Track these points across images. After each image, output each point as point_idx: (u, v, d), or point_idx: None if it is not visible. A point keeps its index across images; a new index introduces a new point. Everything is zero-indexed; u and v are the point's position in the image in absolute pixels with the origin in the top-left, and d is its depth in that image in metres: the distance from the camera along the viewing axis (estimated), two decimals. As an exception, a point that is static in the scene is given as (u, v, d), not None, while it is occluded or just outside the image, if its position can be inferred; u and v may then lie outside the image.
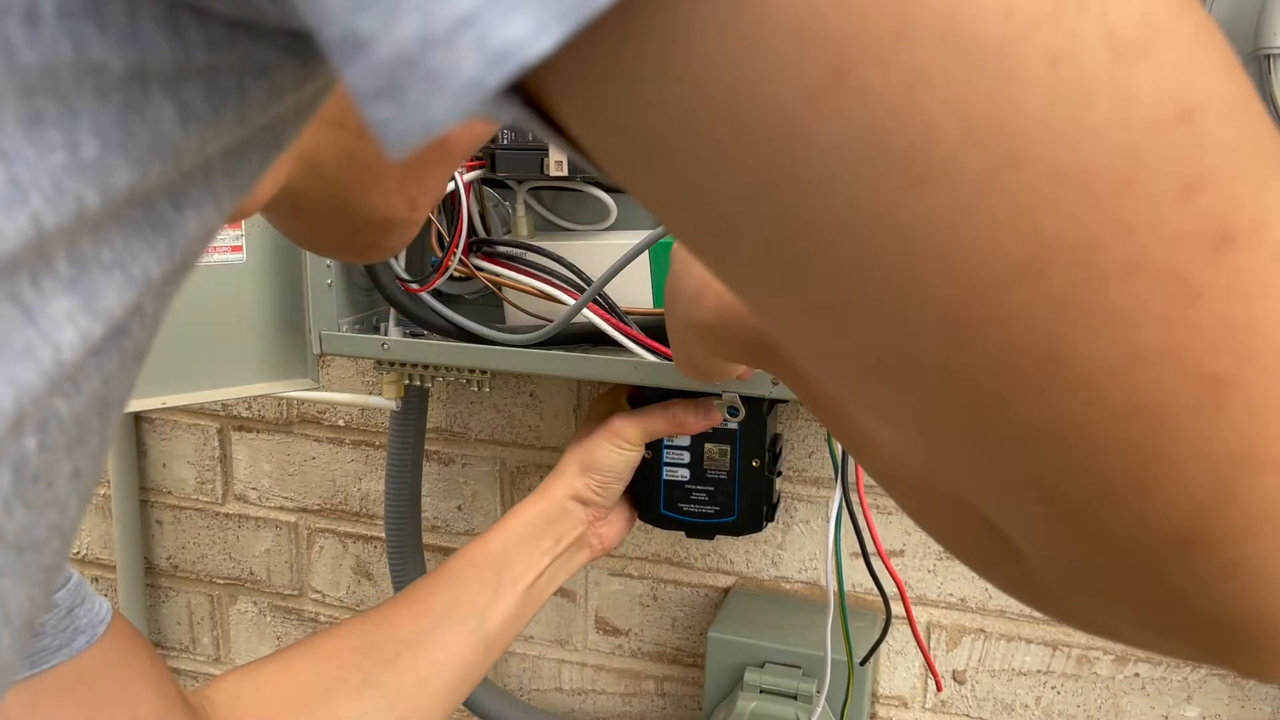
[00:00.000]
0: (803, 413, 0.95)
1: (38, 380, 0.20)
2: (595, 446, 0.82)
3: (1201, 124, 0.18)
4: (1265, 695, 0.89)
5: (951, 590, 0.95)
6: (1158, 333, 0.18)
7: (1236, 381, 0.18)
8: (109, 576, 1.26)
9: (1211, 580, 0.20)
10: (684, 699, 1.07)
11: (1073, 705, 0.94)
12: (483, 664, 0.76)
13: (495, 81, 0.17)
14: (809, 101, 0.17)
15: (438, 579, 0.77)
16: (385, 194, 0.39)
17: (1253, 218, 0.18)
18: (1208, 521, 0.19)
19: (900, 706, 0.99)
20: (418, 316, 0.86)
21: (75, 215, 0.20)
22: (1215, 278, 0.18)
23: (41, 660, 0.50)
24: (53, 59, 0.19)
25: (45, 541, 0.24)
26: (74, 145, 0.19)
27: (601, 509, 0.83)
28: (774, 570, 1.00)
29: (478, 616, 0.75)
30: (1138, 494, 0.19)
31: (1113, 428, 0.19)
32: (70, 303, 0.21)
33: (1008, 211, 0.18)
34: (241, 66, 0.21)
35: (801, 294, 0.20)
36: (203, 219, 0.23)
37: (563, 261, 0.83)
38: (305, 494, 1.16)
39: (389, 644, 0.72)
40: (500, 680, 1.13)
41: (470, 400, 1.07)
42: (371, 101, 0.17)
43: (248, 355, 0.88)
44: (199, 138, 0.21)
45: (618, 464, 0.81)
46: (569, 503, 0.81)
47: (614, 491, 0.82)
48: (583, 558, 0.83)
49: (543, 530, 0.80)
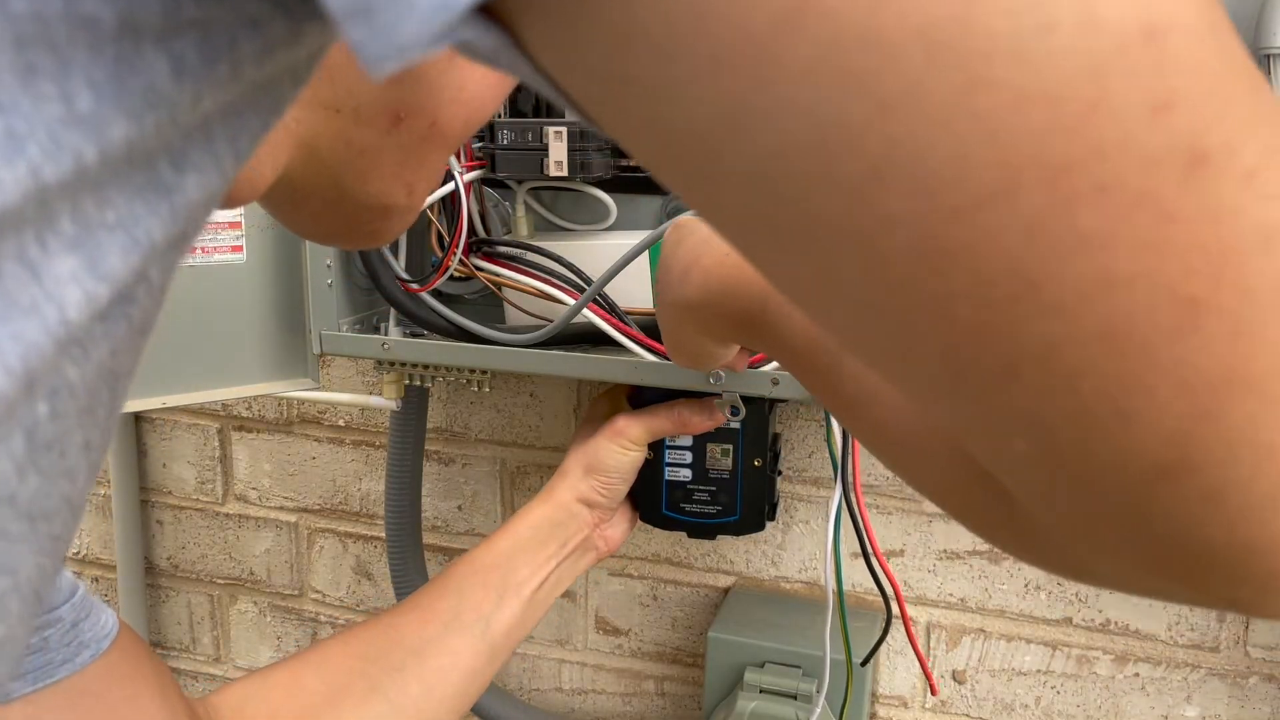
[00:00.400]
0: (803, 412, 0.95)
1: (44, 339, 0.21)
2: (599, 448, 0.81)
3: (1167, 44, 0.18)
4: (1265, 695, 0.89)
5: (951, 590, 0.95)
6: (1130, 256, 0.18)
7: (1212, 304, 0.18)
8: (109, 576, 1.26)
9: (1197, 508, 0.20)
10: (684, 699, 1.07)
11: (1073, 705, 0.94)
12: (488, 669, 0.75)
13: (462, 3, 0.17)
14: (773, 28, 0.18)
15: (443, 585, 0.77)
16: (382, 180, 0.39)
17: (1223, 139, 0.18)
18: (1188, 446, 0.19)
19: (900, 706, 0.99)
20: (418, 316, 0.86)
21: (74, 170, 0.20)
22: (1187, 199, 0.18)
23: (45, 675, 0.49)
24: (44, 9, 0.19)
25: (56, 511, 0.24)
26: (68, 97, 0.20)
27: (606, 510, 0.82)
28: (774, 570, 1.00)
29: (483, 623, 0.75)
30: (1117, 421, 0.19)
31: (1088, 353, 0.19)
32: (74, 262, 0.21)
33: (975, 135, 0.18)
34: (232, 20, 0.22)
35: (778, 224, 0.20)
36: (204, 182, 0.23)
37: (563, 261, 0.83)
38: (305, 494, 1.16)
39: (395, 651, 0.72)
40: (500, 680, 1.13)
41: (470, 400, 1.07)
42: (348, 22, 0.18)
43: (248, 355, 0.88)
44: (193, 92, 0.22)
45: (622, 464, 0.81)
46: (574, 505, 0.81)
47: (619, 492, 0.82)
48: (588, 560, 0.83)
49: (548, 534, 0.80)
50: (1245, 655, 0.89)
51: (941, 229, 0.19)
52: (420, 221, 0.87)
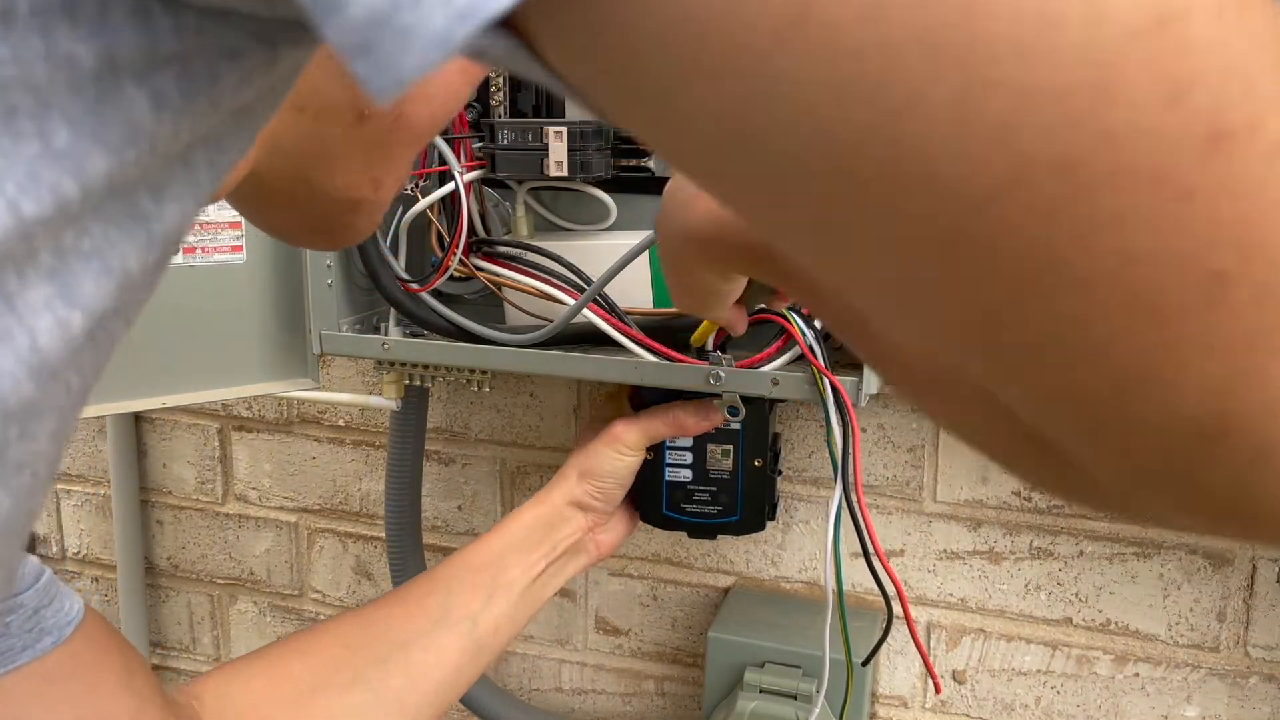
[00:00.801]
0: (803, 412, 0.95)
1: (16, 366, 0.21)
2: (596, 452, 0.82)
3: (1184, 27, 0.18)
4: (1265, 695, 0.89)
5: (951, 590, 0.95)
6: (1149, 234, 0.18)
7: (1239, 276, 0.18)
8: (109, 576, 1.26)
9: (1243, 469, 0.20)
10: (684, 699, 1.07)
11: (1072, 705, 0.94)
12: (474, 667, 0.76)
13: (462, 35, 0.18)
14: (775, 39, 0.18)
15: (433, 580, 0.77)
16: (349, 175, 0.39)
17: (1246, 115, 0.18)
18: (1226, 409, 0.20)
19: (900, 706, 0.99)
20: (418, 316, 0.86)
21: (55, 205, 0.20)
22: (1207, 177, 0.18)
23: (7, 661, 0.49)
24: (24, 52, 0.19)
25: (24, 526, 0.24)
26: (46, 134, 0.20)
27: (601, 515, 0.83)
28: (774, 570, 1.00)
29: (470, 620, 0.75)
30: (1153, 387, 0.20)
31: (1117, 324, 0.19)
32: (49, 290, 0.21)
33: (984, 134, 0.18)
34: (212, 52, 0.22)
35: (794, 218, 0.21)
36: (182, 211, 0.24)
37: (563, 261, 0.83)
38: (305, 494, 1.16)
39: (380, 643, 0.72)
40: (500, 680, 1.13)
41: (470, 400, 1.07)
42: (351, 57, 0.18)
43: (248, 355, 0.88)
44: (173, 125, 0.22)
45: (618, 469, 0.81)
46: (567, 508, 0.81)
47: (614, 497, 0.82)
48: (580, 563, 0.83)
49: (540, 535, 0.80)
50: (1245, 655, 0.89)
51: (956, 221, 0.19)
52: (420, 221, 0.87)
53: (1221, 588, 0.88)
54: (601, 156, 0.81)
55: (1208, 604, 0.89)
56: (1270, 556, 0.87)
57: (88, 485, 1.25)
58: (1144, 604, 0.90)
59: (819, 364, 0.74)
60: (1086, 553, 0.91)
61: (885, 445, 0.94)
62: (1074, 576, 0.92)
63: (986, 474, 0.92)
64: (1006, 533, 0.92)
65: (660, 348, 0.80)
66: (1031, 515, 0.91)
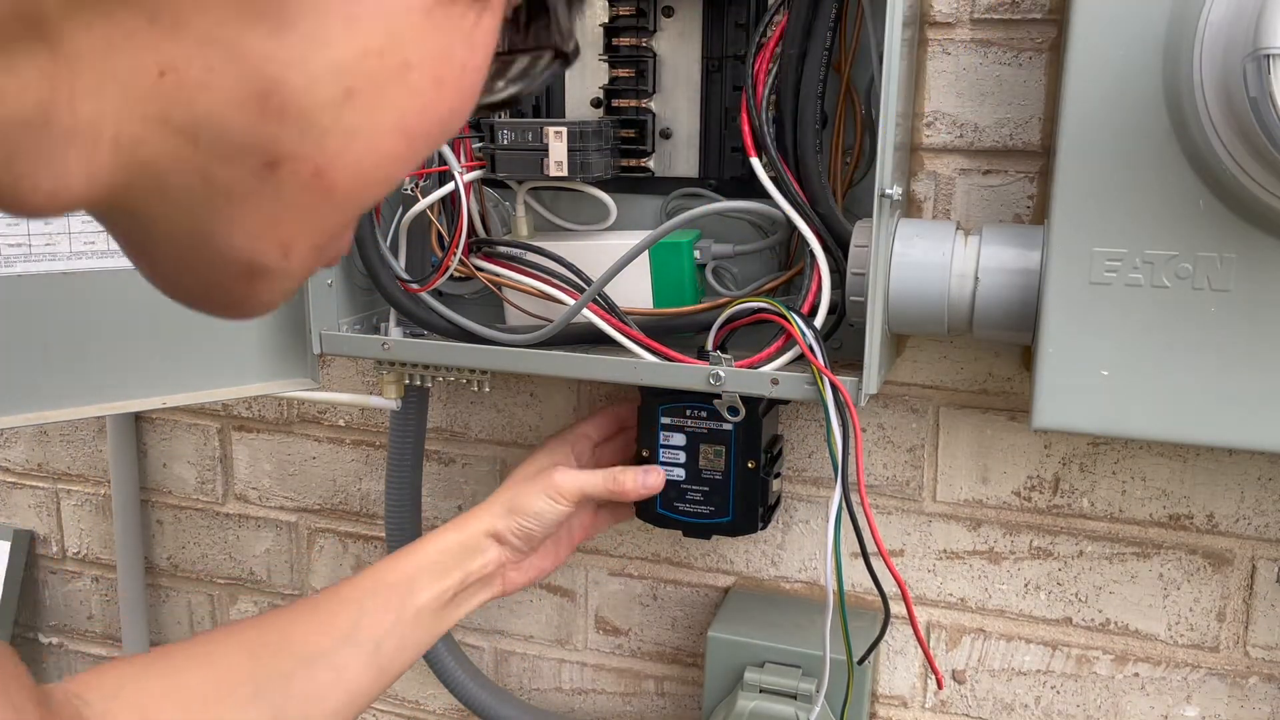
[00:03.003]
0: (803, 413, 0.95)
1: None
2: (529, 491, 0.82)
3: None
4: (1265, 695, 0.89)
5: (951, 590, 0.95)
6: None
7: None
8: (109, 576, 1.26)
9: None
10: (684, 698, 1.07)
11: (1072, 705, 0.94)
12: (373, 689, 0.75)
13: None
14: None
15: (347, 594, 0.77)
16: (250, 231, 0.31)
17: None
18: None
19: (900, 706, 0.99)
20: (418, 316, 0.86)
21: None
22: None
23: None
24: None
25: None
26: None
27: (517, 553, 0.82)
28: (774, 570, 1.00)
29: (375, 643, 0.75)
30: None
31: None
32: None
33: None
34: None
35: None
36: None
37: (563, 261, 0.83)
38: (305, 494, 1.16)
39: (284, 656, 0.72)
40: (500, 680, 1.13)
41: (470, 400, 1.07)
42: None
43: (247, 355, 0.88)
44: None
45: (544, 513, 0.81)
46: (484, 539, 0.81)
47: (534, 538, 0.82)
48: (486, 595, 0.82)
49: (454, 562, 0.80)
50: (1245, 655, 0.89)
51: None
52: (420, 221, 0.87)
53: (1221, 588, 0.88)
54: (601, 156, 0.81)
55: (1207, 604, 0.89)
56: (1270, 557, 0.87)
57: (88, 485, 1.25)
58: (1144, 604, 0.90)
59: (819, 364, 0.74)
60: (1086, 553, 0.91)
61: (885, 445, 0.94)
62: (1074, 576, 0.92)
63: (986, 474, 0.92)
64: (1006, 533, 0.92)
65: (660, 348, 0.80)
66: (1031, 515, 0.91)
